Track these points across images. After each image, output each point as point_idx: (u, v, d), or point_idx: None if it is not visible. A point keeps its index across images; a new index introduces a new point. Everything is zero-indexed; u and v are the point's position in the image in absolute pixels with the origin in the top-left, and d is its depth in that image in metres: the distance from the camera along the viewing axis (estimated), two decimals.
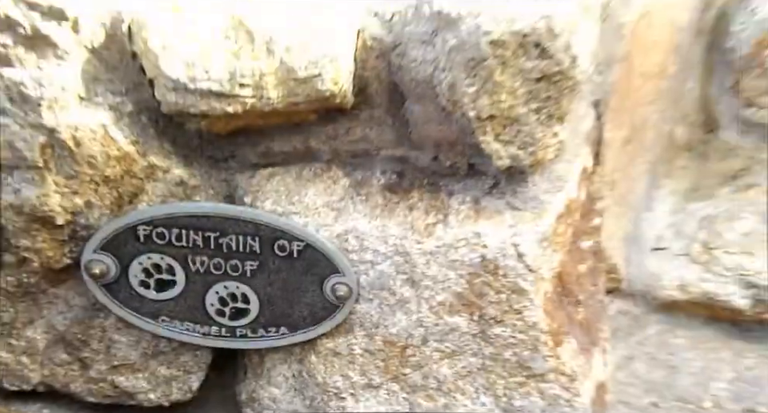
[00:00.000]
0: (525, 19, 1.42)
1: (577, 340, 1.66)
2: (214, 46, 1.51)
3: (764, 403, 1.78)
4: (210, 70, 1.51)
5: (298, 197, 1.62)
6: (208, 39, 1.50)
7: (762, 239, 1.86)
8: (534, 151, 1.52)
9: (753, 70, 2.00)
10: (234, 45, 1.51)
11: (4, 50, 1.50)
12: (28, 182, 1.58)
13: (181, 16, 1.49)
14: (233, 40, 1.51)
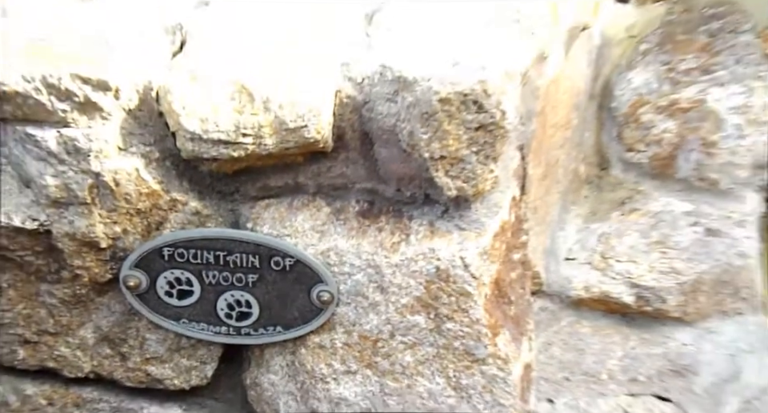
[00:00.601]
0: (465, 82, 1.51)
1: (509, 332, 1.76)
2: (222, 106, 1.59)
3: (644, 374, 1.94)
4: (219, 124, 1.59)
5: (289, 222, 1.70)
6: (218, 100, 1.59)
7: (643, 250, 2.00)
8: (475, 184, 1.61)
9: (630, 125, 2.15)
10: (238, 104, 1.59)
11: (63, 114, 1.58)
12: (79, 215, 1.66)
13: (197, 83, 1.58)
14: (237, 100, 1.59)
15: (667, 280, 1.99)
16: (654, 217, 2.09)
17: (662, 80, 2.23)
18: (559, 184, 2.06)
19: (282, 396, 1.80)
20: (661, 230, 2.07)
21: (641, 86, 2.22)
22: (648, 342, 1.99)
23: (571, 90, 2.06)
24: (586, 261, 2.03)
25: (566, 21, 1.94)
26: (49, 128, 1.62)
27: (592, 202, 2.14)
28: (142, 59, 1.66)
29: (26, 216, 1.69)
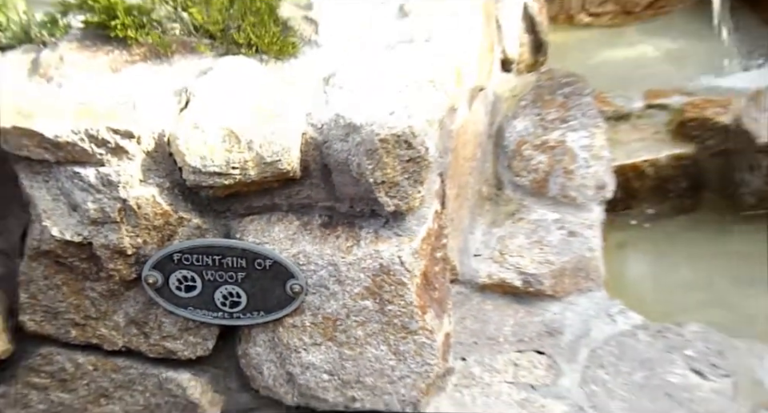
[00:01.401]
0: (399, 127, 1.47)
1: (434, 310, 1.68)
2: (216, 147, 1.51)
3: (527, 336, 1.89)
4: (214, 160, 1.51)
5: (268, 233, 1.60)
6: (213, 143, 1.51)
7: (527, 248, 1.97)
8: (407, 202, 1.54)
9: (516, 158, 2.14)
10: (228, 145, 1.51)
11: (100, 157, 1.52)
12: (112, 231, 1.57)
13: (197, 131, 1.51)
14: (227, 142, 1.51)
15: (543, 268, 1.95)
16: (534, 224, 2.05)
17: (536, 126, 2.21)
18: (468, 201, 2.02)
19: (266, 363, 1.69)
20: (539, 233, 2.03)
21: (522, 130, 2.20)
22: (531, 313, 1.94)
23: (475, 132, 2.02)
24: (488, 257, 1.98)
25: (468, 84, 1.87)
26: (89, 167, 1.55)
27: (492, 214, 2.09)
28: (157, 114, 1.57)
29: (74, 232, 1.58)
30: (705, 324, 1.84)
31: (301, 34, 1.76)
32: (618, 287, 1.97)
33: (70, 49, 1.70)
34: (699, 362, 1.76)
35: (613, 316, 1.88)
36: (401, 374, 1.66)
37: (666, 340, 1.81)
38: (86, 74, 1.64)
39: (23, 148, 1.52)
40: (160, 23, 1.75)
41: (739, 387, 1.71)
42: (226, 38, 1.72)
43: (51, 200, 1.59)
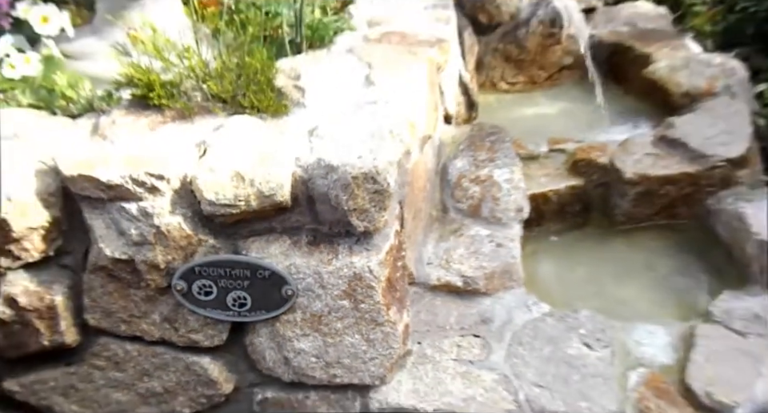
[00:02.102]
0: (366, 167, 1.41)
1: (396, 307, 1.60)
2: (226, 185, 1.43)
3: (466, 324, 1.81)
4: (225, 195, 1.43)
5: (266, 249, 1.52)
6: (223, 182, 1.43)
7: (466, 257, 1.89)
8: (374, 224, 1.47)
9: (457, 188, 2.06)
10: (236, 183, 1.44)
11: (140, 195, 1.45)
12: (148, 250, 1.49)
13: (212, 173, 1.44)
14: (235, 181, 1.44)
15: (478, 272, 1.87)
16: (471, 238, 1.97)
17: (471, 165, 2.14)
18: (422, 222, 1.94)
19: (267, 350, 1.61)
20: (475, 246, 1.94)
21: (461, 167, 2.13)
22: (469, 306, 1.85)
23: (425, 169, 1.95)
24: (437, 264, 1.90)
25: (419, 134, 1.80)
26: (132, 202, 1.47)
27: (439, 231, 2.01)
28: (182, 161, 1.49)
29: (121, 252, 1.50)
30: (592, 310, 1.81)
31: (291, 98, 1.69)
32: (532, 285, 1.92)
33: (120, 115, 1.64)
34: (588, 338, 1.73)
35: (529, 307, 1.83)
36: (371, 356, 1.58)
37: (565, 323, 1.77)
38: (131, 133, 1.58)
39: (85, 190, 1.46)
40: (185, 93, 1.68)
41: (615, 355, 1.69)
42: (234, 102, 1.66)
43: (105, 228, 1.51)
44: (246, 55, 1.67)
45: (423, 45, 2.02)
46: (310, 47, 1.98)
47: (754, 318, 1.75)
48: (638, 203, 2.09)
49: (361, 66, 1.84)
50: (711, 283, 1.94)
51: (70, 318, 1.57)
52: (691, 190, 2.07)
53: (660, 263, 2.03)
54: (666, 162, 2.09)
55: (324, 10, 2.19)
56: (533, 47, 2.66)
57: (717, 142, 2.11)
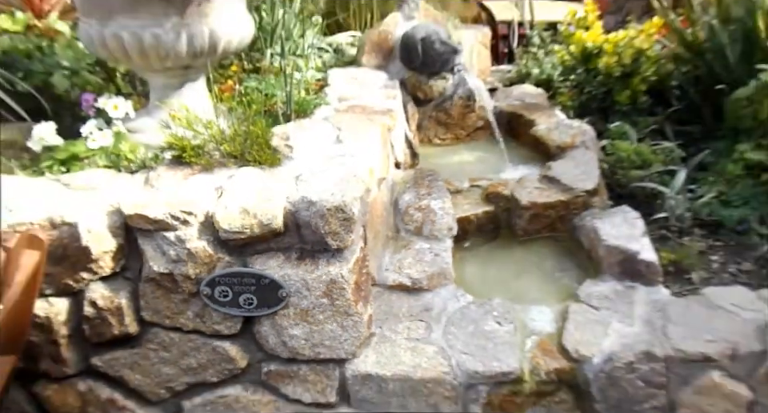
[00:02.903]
0: (337, 202, 1.38)
1: (363, 302, 1.57)
2: (236, 217, 1.40)
3: (414, 313, 1.71)
4: (235, 225, 1.39)
5: (267, 263, 1.47)
6: (234, 215, 1.40)
7: (413, 264, 1.81)
8: (344, 243, 1.44)
9: (405, 215, 1.98)
10: (243, 216, 1.41)
11: (175, 225, 1.42)
12: (183, 266, 1.44)
13: (226, 210, 1.42)
14: (242, 215, 1.42)
15: (422, 275, 1.80)
16: (417, 251, 1.90)
17: (415, 197, 2.07)
18: (381, 240, 1.88)
19: (270, 336, 1.54)
20: (419, 256, 1.88)
21: (408, 200, 2.06)
22: (416, 299, 1.77)
23: (382, 202, 1.91)
24: (393, 270, 1.83)
25: (377, 176, 1.78)
26: (171, 232, 1.43)
27: (393, 247, 1.94)
28: (205, 201, 1.46)
29: (164, 267, 1.45)
30: (502, 298, 1.76)
31: (283, 154, 1.67)
32: (460, 282, 1.85)
33: (163, 170, 1.60)
34: (499, 318, 1.68)
35: (458, 298, 1.77)
36: (344, 338, 1.53)
37: (483, 308, 1.72)
38: (171, 182, 1.54)
39: (139, 224, 1.43)
40: (208, 152, 1.65)
41: (517, 329, 1.65)
42: (243, 158, 1.63)
43: (153, 250, 1.46)
44: (251, 125, 1.65)
45: (378, 114, 2.02)
46: (297, 117, 1.96)
47: (604, 297, 1.75)
48: (531, 222, 2.06)
49: (333, 130, 1.83)
50: (579, 275, 1.91)
51: (132, 315, 1.53)
52: (565, 212, 2.06)
53: (546, 263, 2.00)
54: (548, 193, 2.08)
55: (307, 91, 2.17)
56: (456, 114, 2.65)
57: (578, 179, 2.12)
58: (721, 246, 2.07)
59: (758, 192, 2.17)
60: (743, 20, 2.53)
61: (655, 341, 1.58)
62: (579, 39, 2.90)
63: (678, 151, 2.40)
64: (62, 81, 2.02)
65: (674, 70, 2.84)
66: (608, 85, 2.75)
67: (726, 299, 1.72)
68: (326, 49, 2.71)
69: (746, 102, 2.34)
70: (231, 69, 2.28)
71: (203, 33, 1.69)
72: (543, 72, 3.13)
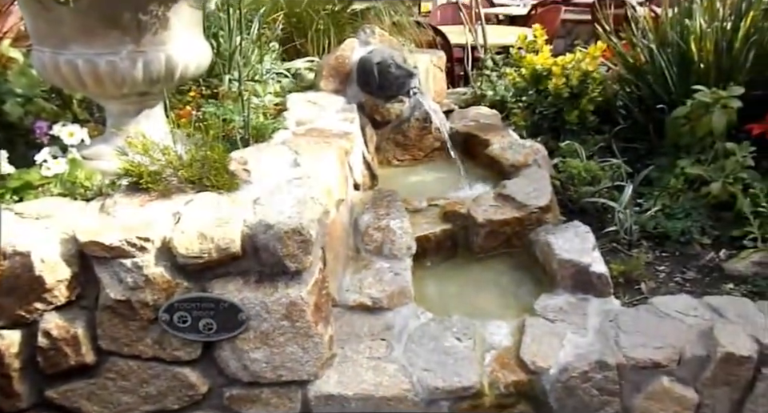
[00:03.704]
0: (294, 224, 1.40)
1: (323, 323, 1.57)
2: (194, 242, 1.41)
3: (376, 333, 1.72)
4: (193, 250, 1.40)
5: (226, 287, 1.46)
6: (191, 240, 1.41)
7: (374, 284, 1.82)
8: (303, 264, 1.45)
9: (365, 235, 1.98)
10: (200, 240, 1.42)
11: (132, 252, 1.41)
12: (140, 292, 1.43)
13: (184, 235, 1.42)
14: (200, 240, 1.42)
15: (383, 294, 1.80)
16: (377, 270, 1.90)
17: (374, 218, 2.08)
18: (341, 260, 1.89)
19: (230, 360, 1.53)
20: (379, 275, 1.88)
21: (367, 220, 2.07)
22: (377, 319, 1.77)
23: (341, 223, 1.92)
24: (354, 290, 1.83)
25: (335, 198, 1.79)
26: (127, 258, 1.41)
27: (354, 266, 1.94)
28: (163, 227, 1.46)
29: (121, 295, 1.43)
30: (461, 314, 1.80)
31: (241, 178, 1.67)
32: (420, 300, 1.87)
33: (120, 197, 1.59)
34: (458, 334, 1.71)
35: (418, 316, 1.79)
36: (306, 360, 1.53)
37: (443, 325, 1.75)
38: (127, 209, 1.53)
39: (95, 251, 1.42)
40: (166, 178, 1.64)
41: (476, 344, 1.68)
42: (201, 183, 1.63)
43: (109, 278, 1.44)
44: (209, 150, 1.66)
45: (335, 137, 2.04)
46: (255, 141, 1.97)
47: (559, 310, 1.80)
48: (488, 239, 2.10)
49: (291, 153, 1.84)
50: (535, 289, 1.95)
51: (89, 344, 1.50)
52: (520, 229, 2.10)
53: (503, 279, 2.04)
54: (503, 210, 2.13)
55: (265, 115, 2.19)
56: (413, 136, 2.69)
57: (532, 196, 2.17)
58: (667, 256, 2.18)
59: (698, 205, 2.30)
60: (678, 44, 2.71)
61: (608, 350, 1.65)
62: (529, 62, 3.03)
63: (625, 167, 2.53)
64: (15, 108, 1.99)
65: (619, 91, 3.00)
66: (558, 105, 2.87)
67: (672, 307, 1.81)
68: (284, 74, 2.74)
69: (684, 121, 2.49)
70: (189, 95, 2.29)
71: (160, 60, 1.70)
72: (497, 94, 3.24)
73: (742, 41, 2.55)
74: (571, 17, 5.93)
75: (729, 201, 2.23)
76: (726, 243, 2.18)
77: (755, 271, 1.99)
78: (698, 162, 2.40)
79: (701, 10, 2.71)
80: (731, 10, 2.67)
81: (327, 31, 3.03)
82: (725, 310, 1.77)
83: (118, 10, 1.59)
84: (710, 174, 2.30)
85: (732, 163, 2.28)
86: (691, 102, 2.43)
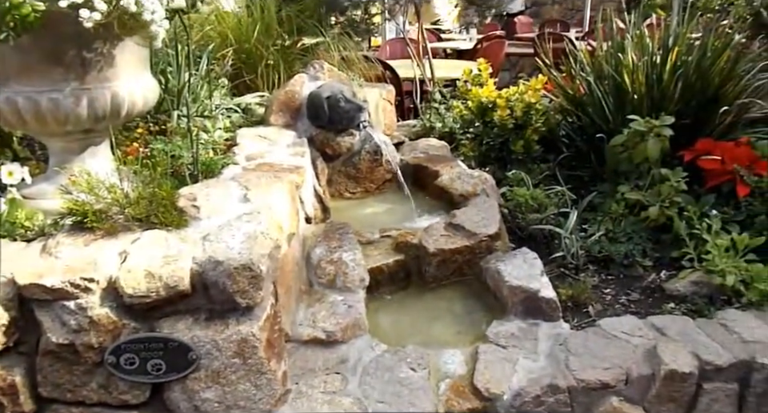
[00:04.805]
0: (244, 260, 1.40)
1: (275, 359, 1.56)
2: (141, 281, 1.40)
3: (330, 366, 1.71)
4: (140, 289, 1.38)
5: (175, 326, 1.45)
6: (139, 279, 1.39)
7: (327, 317, 1.82)
8: (254, 300, 1.45)
9: (318, 269, 1.98)
10: (148, 279, 1.41)
11: (76, 293, 1.38)
12: (85, 334, 1.39)
13: (130, 274, 1.41)
14: (148, 278, 1.41)
15: (336, 327, 1.81)
16: (330, 303, 1.91)
17: (327, 251, 2.10)
18: (294, 295, 1.88)
19: (181, 401, 1.49)
20: (333, 308, 1.89)
21: (320, 253, 2.08)
22: (331, 352, 1.76)
23: (293, 257, 1.91)
24: (307, 324, 1.83)
25: (286, 232, 1.80)
26: (71, 300, 1.39)
27: (307, 300, 1.94)
28: (109, 266, 1.44)
29: (64, 338, 1.39)
30: (415, 344, 1.82)
31: (190, 215, 1.67)
32: (375, 332, 1.89)
33: (63, 237, 1.56)
34: (413, 364, 1.73)
35: (373, 347, 1.80)
36: (259, 397, 1.52)
37: (398, 356, 1.76)
38: (71, 249, 1.50)
39: (36, 294, 1.39)
40: (112, 217, 1.62)
41: (430, 373, 1.70)
42: (148, 220, 1.62)
43: (51, 321, 1.41)
44: (157, 187, 1.65)
45: (285, 171, 2.07)
46: (204, 177, 1.98)
47: (511, 336, 1.85)
48: (439, 268, 2.14)
49: (240, 189, 1.85)
50: (487, 316, 1.99)
51: (28, 392, 1.45)
52: (470, 257, 2.16)
53: (456, 307, 2.07)
54: (453, 239, 2.18)
55: (215, 151, 2.21)
56: (364, 168, 2.73)
57: (481, 224, 2.24)
58: (612, 279, 2.29)
59: (639, 228, 2.44)
60: (614, 77, 2.89)
61: (558, 373, 1.71)
62: (475, 95, 3.16)
63: (569, 194, 2.66)
64: None
65: (562, 121, 3.17)
66: (504, 136, 3.01)
67: (618, 328, 1.90)
68: (234, 109, 2.76)
69: (622, 148, 2.65)
70: (137, 131, 2.28)
71: (105, 97, 1.69)
72: (446, 125, 3.36)
73: (669, 73, 2.76)
74: (515, 50, 6.24)
75: (667, 224, 2.39)
76: (666, 264, 2.33)
77: (693, 290, 2.12)
78: (636, 188, 2.55)
79: (632, 44, 2.92)
80: (659, 44, 2.89)
81: (277, 66, 3.09)
82: (667, 329, 1.88)
83: (61, 48, 1.60)
84: (647, 198, 2.46)
85: (667, 188, 2.44)
86: (627, 130, 2.60)
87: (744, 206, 2.36)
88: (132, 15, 1.58)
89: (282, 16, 3.26)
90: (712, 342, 1.80)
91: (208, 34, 3.11)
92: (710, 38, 2.75)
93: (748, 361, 1.74)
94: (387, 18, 4.34)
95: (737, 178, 2.41)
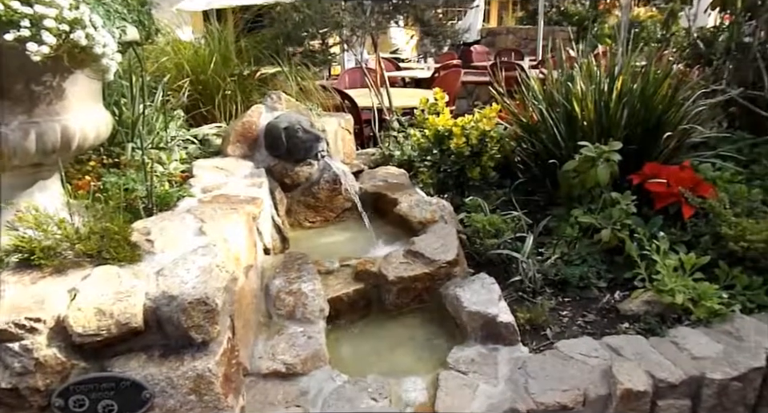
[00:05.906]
0: (199, 294, 1.40)
1: (233, 394, 1.54)
2: (92, 319, 1.39)
3: (290, 397, 1.68)
4: (90, 327, 1.35)
5: (127, 364, 1.41)
6: (89, 317, 1.38)
7: (287, 349, 1.80)
8: (209, 335, 1.43)
9: (277, 300, 1.97)
10: (99, 317, 1.39)
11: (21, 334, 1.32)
12: (30, 378, 1.34)
13: (81, 312, 1.39)
14: (99, 316, 1.39)
15: (296, 359, 1.78)
16: (290, 335, 1.89)
17: (286, 282, 2.08)
18: (252, 327, 1.86)
19: None
20: (293, 340, 1.87)
21: (278, 284, 2.06)
22: (291, 385, 1.73)
23: (251, 289, 1.91)
24: (266, 358, 1.81)
25: (244, 264, 1.82)
26: (15, 342, 1.34)
27: (266, 333, 1.91)
28: (56, 305, 1.40)
29: (7, 382, 1.34)
30: (376, 374, 1.81)
31: (143, 249, 1.65)
32: (335, 362, 1.88)
33: (8, 275, 1.52)
34: (374, 394, 1.72)
35: (333, 378, 1.79)
36: None
37: (359, 386, 1.75)
38: (16, 287, 1.46)
39: None
40: (61, 253, 1.59)
41: (392, 402, 1.70)
42: (100, 256, 1.60)
43: None
44: (109, 221, 1.63)
45: (242, 202, 2.07)
46: (159, 210, 1.97)
47: (471, 361, 1.87)
48: (400, 295, 2.16)
49: (196, 221, 1.85)
50: (448, 342, 2.01)
51: None
52: (430, 283, 2.18)
53: (418, 334, 2.08)
54: (413, 266, 2.20)
55: (171, 183, 2.19)
56: (324, 197, 2.75)
57: (440, 251, 2.27)
58: (569, 301, 2.35)
59: (593, 250, 2.52)
60: (564, 104, 3.01)
61: (518, 397, 1.74)
62: (432, 123, 3.24)
63: (525, 219, 2.73)
64: None
65: (516, 147, 3.27)
66: (460, 163, 3.09)
67: (575, 350, 1.95)
68: (191, 140, 2.76)
69: (574, 173, 2.75)
70: (89, 164, 2.24)
71: (55, 130, 1.66)
72: (404, 154, 3.41)
73: (616, 101, 2.89)
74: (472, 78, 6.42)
75: (619, 245, 2.47)
76: (619, 285, 2.40)
77: (646, 310, 2.20)
78: (589, 211, 2.64)
79: (581, 73, 3.05)
80: (606, 73, 3.03)
81: (234, 97, 3.10)
82: (622, 349, 1.94)
83: (7, 81, 1.57)
84: (599, 221, 2.55)
85: (618, 211, 2.54)
86: (579, 156, 2.71)
87: (690, 226, 2.46)
88: (83, 48, 1.58)
89: (240, 46, 3.30)
90: (665, 360, 1.87)
91: (164, 65, 3.12)
92: (652, 67, 2.93)
93: (698, 377, 1.81)
94: (344, 49, 4.42)
95: (682, 200, 2.54)
